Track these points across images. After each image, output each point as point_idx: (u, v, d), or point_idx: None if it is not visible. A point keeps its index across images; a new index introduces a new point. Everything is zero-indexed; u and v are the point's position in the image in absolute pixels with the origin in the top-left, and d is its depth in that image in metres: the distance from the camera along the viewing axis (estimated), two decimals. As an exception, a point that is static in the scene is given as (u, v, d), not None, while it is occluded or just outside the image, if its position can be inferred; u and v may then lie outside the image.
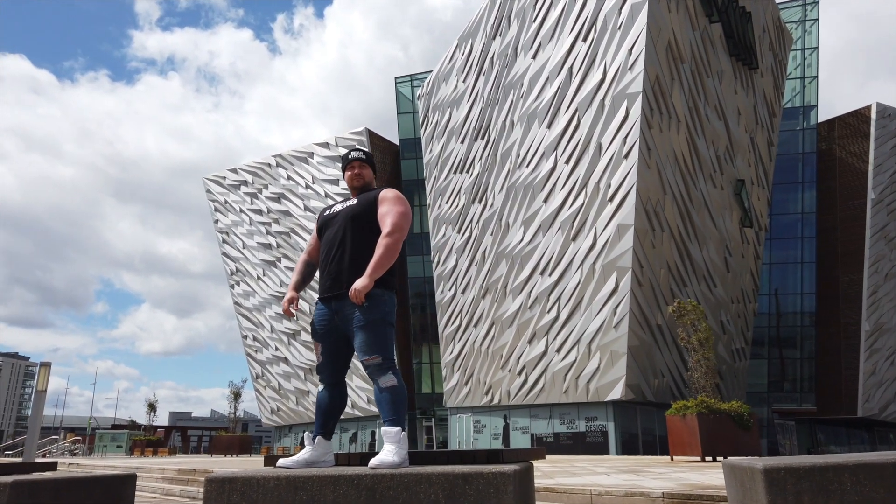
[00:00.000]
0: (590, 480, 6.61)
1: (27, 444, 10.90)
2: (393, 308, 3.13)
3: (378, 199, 3.26)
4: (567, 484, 6.10)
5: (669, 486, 5.53)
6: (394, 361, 3.06)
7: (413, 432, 40.92)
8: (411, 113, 43.94)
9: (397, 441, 2.81)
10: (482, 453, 2.89)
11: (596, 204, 28.16)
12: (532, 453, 3.23)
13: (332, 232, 3.28)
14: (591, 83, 28.72)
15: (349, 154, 3.50)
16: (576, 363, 28.94)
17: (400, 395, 2.98)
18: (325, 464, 3.06)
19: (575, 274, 28.92)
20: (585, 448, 29.37)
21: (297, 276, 3.46)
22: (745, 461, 2.51)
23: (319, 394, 3.26)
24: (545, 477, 7.34)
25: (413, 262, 42.28)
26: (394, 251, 3.08)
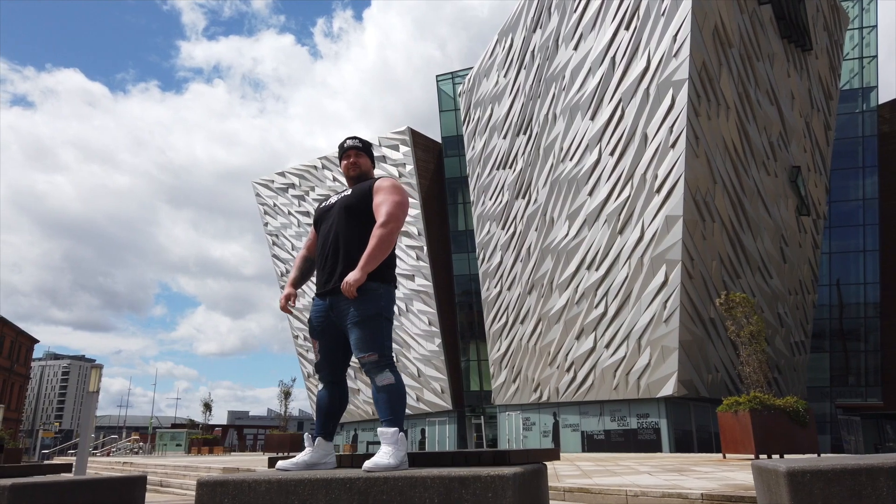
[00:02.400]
0: (629, 480, 6.36)
1: (80, 444, 11.20)
2: (390, 303, 2.98)
3: (373, 188, 3.11)
4: (604, 484, 5.88)
5: (711, 487, 5.25)
6: (391, 358, 2.91)
7: (462, 430, 40.85)
8: (453, 110, 43.82)
9: (394, 442, 2.68)
10: (488, 454, 2.74)
11: (643, 196, 27.50)
12: (544, 454, 3.06)
13: (327, 225, 3.15)
14: (634, 72, 28.04)
15: (344, 143, 3.36)
16: (625, 359, 28.34)
17: (397, 394, 2.85)
18: (325, 466, 2.95)
19: (622, 268, 28.31)
20: (637, 446, 28.73)
21: (294, 271, 3.35)
22: (771, 463, 2.29)
23: (319, 393, 3.15)
24: (583, 476, 7.12)
25: (458, 259, 42.17)
26: (388, 242, 2.93)
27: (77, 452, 11.58)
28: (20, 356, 57.93)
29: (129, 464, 15.66)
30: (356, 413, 45.65)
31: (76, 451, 34.03)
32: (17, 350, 56.82)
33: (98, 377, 13.17)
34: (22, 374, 59.65)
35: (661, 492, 5.04)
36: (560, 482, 6.17)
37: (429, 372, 40.22)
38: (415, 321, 40.64)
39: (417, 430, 42.32)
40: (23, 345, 58.72)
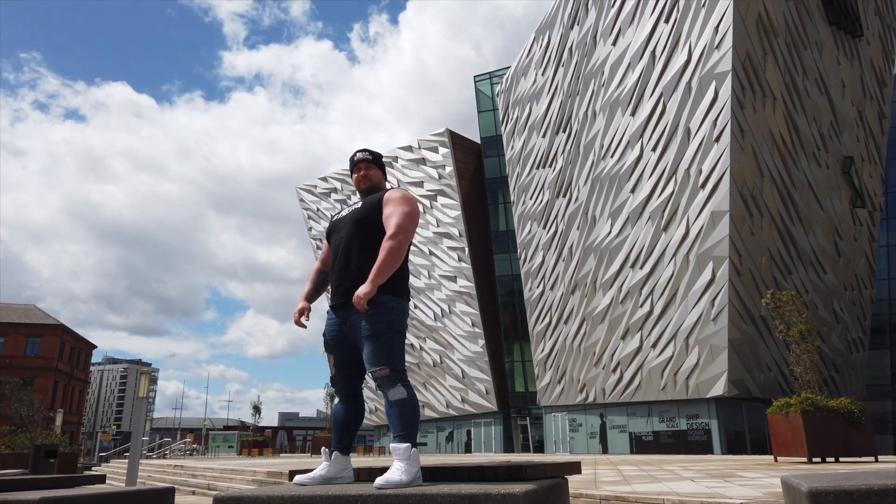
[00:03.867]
0: (669, 487, 6.20)
1: (132, 450, 11.51)
2: (402, 315, 2.95)
3: (383, 200, 3.09)
4: (642, 491, 5.74)
5: (753, 496, 5.07)
6: (404, 372, 2.88)
7: (508, 431, 40.65)
8: (491, 110, 43.69)
9: (406, 458, 2.64)
10: (504, 469, 2.68)
11: (687, 191, 26.90)
12: (564, 468, 2.98)
13: (338, 238, 3.14)
14: (675, 66, 27.47)
15: (354, 156, 3.35)
16: (673, 358, 27.76)
17: (410, 409, 2.81)
18: (342, 480, 2.93)
19: (668, 266, 27.75)
20: (687, 447, 28.13)
21: (308, 285, 3.34)
22: (796, 479, 2.18)
23: (335, 407, 3.14)
24: (622, 483, 6.97)
25: (500, 259, 42.01)
26: (397, 255, 2.90)
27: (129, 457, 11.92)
28: (80, 361, 60.14)
29: (180, 467, 16.05)
30: (402, 415, 45.92)
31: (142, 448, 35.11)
32: (76, 356, 59.01)
33: (147, 383, 13.55)
34: (82, 378, 61.91)
35: (700, 500, 4.89)
36: (597, 489, 6.05)
37: (473, 373, 40.17)
38: (458, 322, 40.65)
39: (463, 431, 42.31)
40: (82, 350, 60.95)
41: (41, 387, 50.92)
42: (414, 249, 42.91)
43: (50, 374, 52.10)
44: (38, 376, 51.29)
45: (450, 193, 41.32)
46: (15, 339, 51.84)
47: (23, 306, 56.27)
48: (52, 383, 52.26)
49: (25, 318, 53.37)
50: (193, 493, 12.36)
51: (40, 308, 56.59)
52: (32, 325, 52.84)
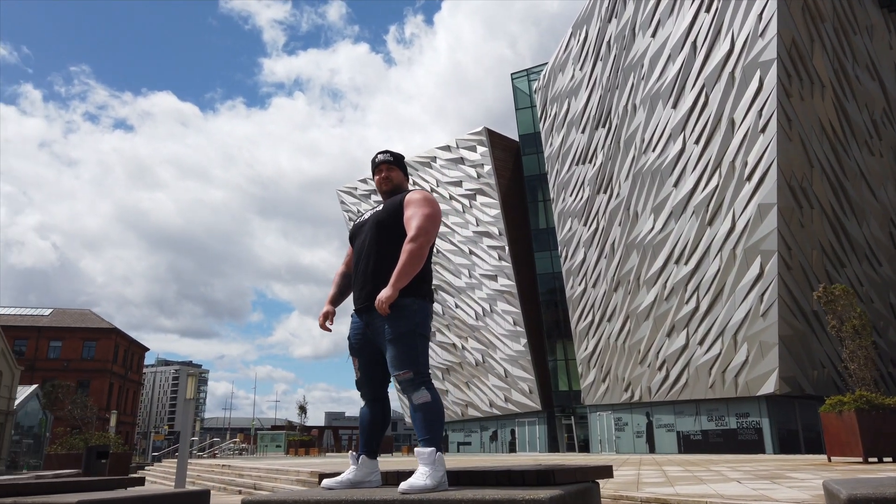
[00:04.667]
0: (713, 489, 6.02)
1: (180, 451, 11.77)
2: (426, 318, 2.91)
3: (404, 202, 3.06)
4: (684, 493, 5.58)
5: (800, 499, 4.87)
6: (427, 376, 2.84)
7: (553, 431, 40.31)
8: (529, 107, 43.38)
9: (431, 463, 2.60)
10: (532, 474, 2.61)
11: (732, 184, 26.23)
12: (596, 472, 2.90)
13: (361, 241, 3.12)
14: (717, 56, 26.80)
15: (375, 157, 3.33)
16: (721, 356, 27.11)
17: (434, 413, 2.77)
18: (370, 483, 2.91)
19: (714, 261, 27.11)
20: (738, 447, 27.44)
21: (333, 288, 3.33)
22: (836, 485, 2.06)
23: (361, 411, 3.12)
24: (665, 484, 6.81)
25: (541, 257, 41.68)
26: (418, 257, 2.86)
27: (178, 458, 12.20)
28: (133, 364, 62.03)
29: (228, 466, 16.37)
30: (445, 414, 45.82)
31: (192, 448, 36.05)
32: (130, 358, 60.88)
33: (193, 384, 13.83)
34: (135, 380, 63.85)
35: (744, 503, 4.72)
36: (638, 491, 5.91)
37: (516, 372, 39.96)
38: (499, 321, 40.49)
39: (507, 430, 42.13)
40: (135, 353, 62.85)
41: (97, 388, 52.71)
42: (454, 249, 42.91)
43: (105, 376, 53.85)
44: (94, 378, 53.09)
45: (489, 192, 41.18)
46: (72, 343, 53.76)
47: (79, 311, 58.31)
48: (108, 385, 54.01)
49: (81, 323, 55.28)
50: (240, 493, 12.58)
51: (95, 312, 58.55)
52: (88, 329, 54.70)
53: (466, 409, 43.97)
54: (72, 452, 14.47)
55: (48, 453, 15.73)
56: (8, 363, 39.79)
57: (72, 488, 3.90)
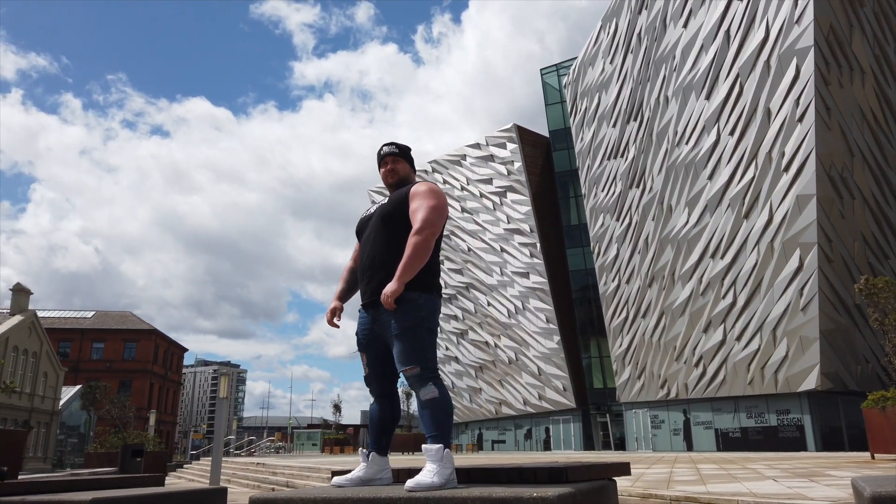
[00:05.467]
0: (747, 487, 5.84)
1: (214, 447, 11.93)
2: (433, 312, 2.84)
3: (409, 194, 3.00)
4: (716, 492, 5.42)
5: (837, 497, 4.69)
6: (435, 371, 2.77)
7: (588, 429, 39.92)
8: (559, 103, 42.99)
9: (439, 460, 2.53)
10: (544, 471, 2.53)
11: (769, 176, 25.60)
12: (611, 469, 2.80)
13: (366, 235, 3.08)
14: (752, 44, 26.18)
15: (381, 150, 3.27)
16: (760, 351, 26.51)
17: (442, 409, 2.70)
18: (380, 481, 2.86)
19: (751, 254, 26.51)
20: (778, 444, 26.81)
21: (341, 284, 3.28)
22: (863, 482, 1.94)
23: (370, 407, 3.07)
24: (697, 483, 6.64)
25: (573, 254, 41.29)
26: (423, 250, 2.80)
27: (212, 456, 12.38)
28: (172, 364, 63.35)
29: (262, 465, 16.56)
30: (479, 412, 45.88)
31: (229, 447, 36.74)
32: (170, 358, 62.19)
33: (227, 384, 14.01)
34: (175, 380, 65.19)
35: (777, 502, 4.55)
36: (668, 489, 5.76)
37: (549, 370, 39.66)
38: (532, 319, 40.23)
39: (542, 428, 41.86)
40: (174, 353, 64.16)
41: (138, 388, 53.95)
42: (485, 247, 42.77)
43: (146, 376, 55.09)
44: (135, 379, 54.36)
45: (519, 189, 40.93)
46: (113, 345, 55.12)
47: (120, 313, 59.76)
48: (148, 385, 55.24)
49: (122, 324, 56.64)
50: (273, 490, 12.70)
51: (135, 314, 59.93)
52: (129, 330, 56.02)
53: (500, 406, 43.80)
54: (111, 451, 14.80)
55: (88, 452, 16.12)
56: (53, 365, 40.96)
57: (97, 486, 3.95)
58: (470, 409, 46.68)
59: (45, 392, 39.95)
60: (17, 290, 38.55)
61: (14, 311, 37.97)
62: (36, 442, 38.55)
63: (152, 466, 13.65)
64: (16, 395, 36.16)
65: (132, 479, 4.28)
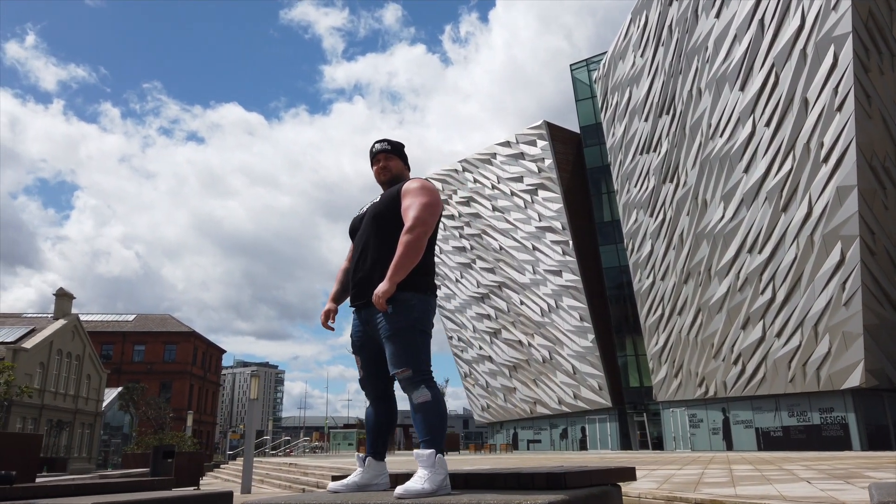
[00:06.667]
0: (777, 489, 5.62)
1: (245, 448, 12.07)
2: (426, 313, 2.76)
3: (401, 192, 2.92)
4: (744, 494, 5.23)
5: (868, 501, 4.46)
6: (428, 373, 2.69)
7: (625, 428, 39.39)
8: (590, 98, 42.48)
9: (430, 465, 2.45)
10: (542, 477, 2.43)
11: (807, 167, 24.88)
12: (615, 474, 2.68)
13: (359, 235, 3.01)
14: (787, 33, 25.47)
15: (373, 147, 3.19)
16: (801, 348, 25.79)
17: (434, 413, 2.61)
18: (377, 486, 2.79)
19: (790, 249, 25.81)
20: (822, 443, 26.07)
21: (336, 285, 3.21)
22: (876, 488, 1.80)
23: (366, 411, 3.00)
24: (727, 485, 6.43)
25: (606, 251, 40.76)
26: (415, 249, 2.71)
27: (244, 457, 12.53)
28: (211, 365, 64.49)
29: (295, 465, 16.70)
30: (514, 412, 45.65)
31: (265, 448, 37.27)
32: (208, 360, 63.34)
33: (258, 385, 14.17)
34: (214, 381, 66.36)
35: (807, 507, 4.36)
36: (694, 492, 5.58)
37: (584, 369, 39.23)
38: (565, 317, 39.84)
39: (577, 428, 41.44)
40: (213, 355, 65.32)
41: (178, 390, 55.08)
42: (516, 245, 42.51)
43: (185, 377, 56.18)
44: (175, 380, 55.49)
45: (550, 186, 40.57)
46: (154, 347, 56.36)
47: (160, 316, 61.07)
48: (188, 386, 56.33)
49: (162, 327, 57.88)
50: (304, 491, 12.78)
51: (175, 317, 61.19)
52: (169, 332, 57.22)
53: (535, 406, 43.50)
54: (146, 452, 15.07)
55: (125, 453, 16.46)
56: (95, 367, 42.05)
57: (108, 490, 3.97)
58: (504, 409, 46.48)
59: (89, 394, 41.03)
60: (59, 294, 39.68)
61: (58, 316, 39.09)
62: (80, 442, 39.61)
63: (187, 467, 13.83)
64: (60, 397, 37.21)
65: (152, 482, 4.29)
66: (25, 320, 39.83)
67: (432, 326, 2.81)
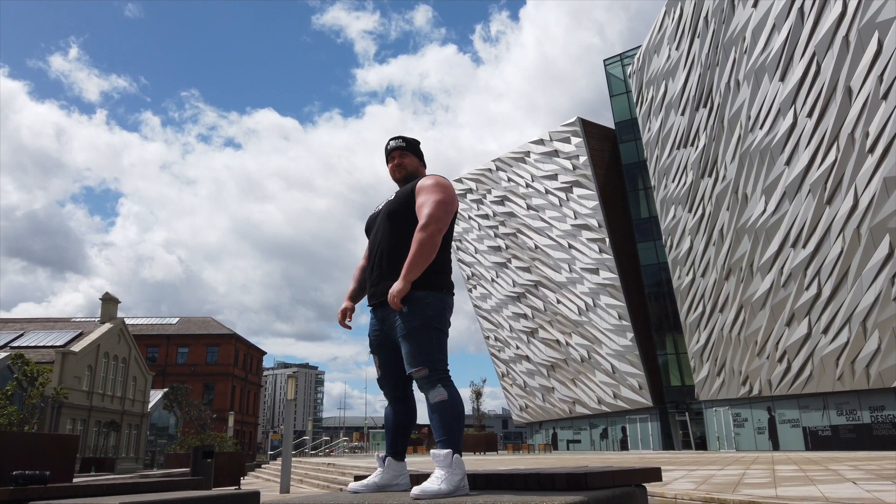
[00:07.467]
0: (820, 490, 5.43)
1: (283, 449, 12.20)
2: (441, 311, 2.71)
3: (415, 189, 2.88)
4: (785, 496, 5.06)
5: (919, 504, 4.27)
6: (445, 372, 2.65)
7: (667, 427, 38.73)
8: (624, 93, 41.90)
9: (448, 466, 2.41)
10: (562, 477, 2.37)
11: (852, 158, 24.09)
12: (637, 475, 2.60)
13: (374, 233, 2.98)
14: (828, 20, 24.70)
15: (388, 144, 3.16)
16: (849, 345, 24.99)
17: (451, 412, 2.57)
18: (397, 487, 2.76)
19: (835, 242, 25.03)
20: (873, 443, 25.22)
21: (352, 283, 3.18)
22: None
23: (385, 411, 2.97)
24: (768, 486, 6.24)
25: (644, 248, 40.14)
26: (429, 247, 2.67)
27: (281, 458, 12.67)
28: (252, 367, 65.57)
29: (332, 465, 16.84)
30: (552, 412, 45.30)
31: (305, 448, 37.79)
32: (249, 361, 64.40)
33: (293, 386, 14.34)
34: (255, 382, 67.45)
35: (850, 509, 4.19)
36: (733, 493, 5.43)
37: (623, 368, 38.71)
38: (603, 316, 39.36)
39: (617, 428, 40.92)
40: (253, 357, 66.40)
41: (221, 391, 56.13)
42: (552, 244, 42.16)
43: (227, 379, 57.24)
44: (217, 382, 56.59)
45: (585, 184, 40.13)
46: (196, 349, 57.56)
47: (202, 318, 62.34)
48: (230, 387, 57.38)
49: (204, 330, 59.07)
50: (341, 490, 12.87)
51: (217, 320, 62.39)
52: (210, 335, 58.37)
53: (574, 406, 43.09)
54: (188, 452, 15.37)
55: (167, 453, 16.82)
56: (141, 369, 43.15)
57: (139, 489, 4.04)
58: (543, 409, 46.15)
59: (135, 395, 42.11)
60: (105, 299, 40.82)
61: (104, 319, 40.21)
62: (128, 443, 40.70)
63: (227, 467, 14.06)
64: (108, 399, 38.29)
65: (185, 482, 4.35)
66: (73, 324, 41.09)
67: (449, 325, 2.77)
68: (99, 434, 36.88)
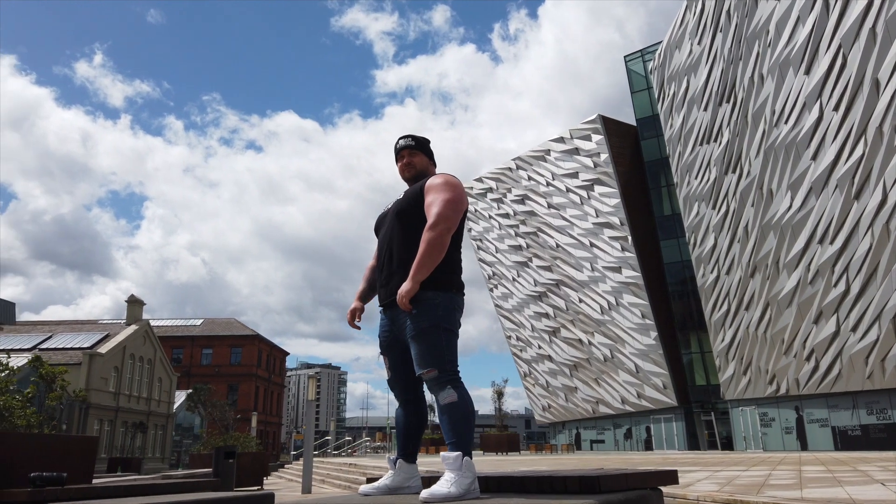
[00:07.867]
0: (847, 492, 5.28)
1: (305, 449, 12.25)
2: (451, 312, 2.66)
3: (424, 188, 2.82)
4: (810, 497, 4.93)
5: (952, 507, 4.13)
6: (455, 373, 2.60)
7: (692, 427, 38.27)
8: (646, 90, 41.47)
9: (458, 468, 2.36)
10: (574, 480, 2.31)
11: (881, 152, 23.59)
12: (652, 477, 2.53)
13: (383, 232, 2.94)
14: (854, 12, 24.21)
15: (397, 143, 3.11)
16: (878, 343, 24.48)
17: (461, 414, 2.52)
18: (408, 490, 2.72)
19: (864, 238, 24.53)
20: (905, 443, 24.66)
21: (362, 283, 3.13)
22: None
23: (396, 412, 2.93)
24: (794, 487, 6.09)
25: (667, 246, 39.68)
26: (438, 246, 2.62)
27: (303, 459, 12.71)
28: (275, 367, 66.08)
29: (354, 465, 16.86)
30: (576, 412, 44.99)
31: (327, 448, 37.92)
32: (272, 362, 64.91)
33: (314, 387, 14.38)
34: (278, 383, 67.96)
35: (878, 512, 4.06)
36: (757, 495, 5.30)
37: (647, 367, 38.31)
38: (626, 315, 39.00)
39: (642, 428, 40.53)
40: (276, 357, 66.91)
41: (244, 392, 56.65)
42: (573, 242, 41.87)
43: (251, 379, 57.75)
44: (241, 382, 57.11)
45: (607, 181, 39.79)
46: (220, 350, 58.15)
47: (225, 320, 62.96)
48: (254, 388, 57.88)
49: (228, 331, 59.65)
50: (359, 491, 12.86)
51: (240, 321, 62.98)
52: (234, 336, 58.93)
53: (597, 405, 42.76)
54: (211, 452, 15.50)
55: (191, 453, 16.98)
56: (166, 370, 43.69)
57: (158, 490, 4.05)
58: (566, 409, 45.86)
59: (161, 396, 42.65)
60: (131, 301, 41.39)
61: (129, 321, 40.79)
62: (154, 443, 41.24)
63: (250, 467, 14.16)
64: (134, 399, 38.82)
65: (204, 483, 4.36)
66: (100, 326, 41.75)
67: (459, 325, 2.72)
68: (126, 434, 37.41)
